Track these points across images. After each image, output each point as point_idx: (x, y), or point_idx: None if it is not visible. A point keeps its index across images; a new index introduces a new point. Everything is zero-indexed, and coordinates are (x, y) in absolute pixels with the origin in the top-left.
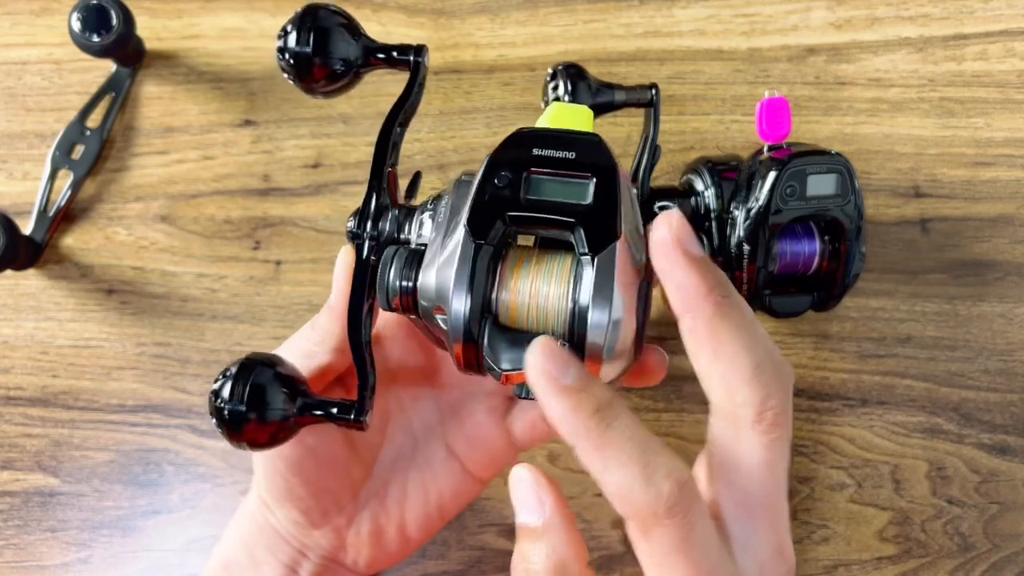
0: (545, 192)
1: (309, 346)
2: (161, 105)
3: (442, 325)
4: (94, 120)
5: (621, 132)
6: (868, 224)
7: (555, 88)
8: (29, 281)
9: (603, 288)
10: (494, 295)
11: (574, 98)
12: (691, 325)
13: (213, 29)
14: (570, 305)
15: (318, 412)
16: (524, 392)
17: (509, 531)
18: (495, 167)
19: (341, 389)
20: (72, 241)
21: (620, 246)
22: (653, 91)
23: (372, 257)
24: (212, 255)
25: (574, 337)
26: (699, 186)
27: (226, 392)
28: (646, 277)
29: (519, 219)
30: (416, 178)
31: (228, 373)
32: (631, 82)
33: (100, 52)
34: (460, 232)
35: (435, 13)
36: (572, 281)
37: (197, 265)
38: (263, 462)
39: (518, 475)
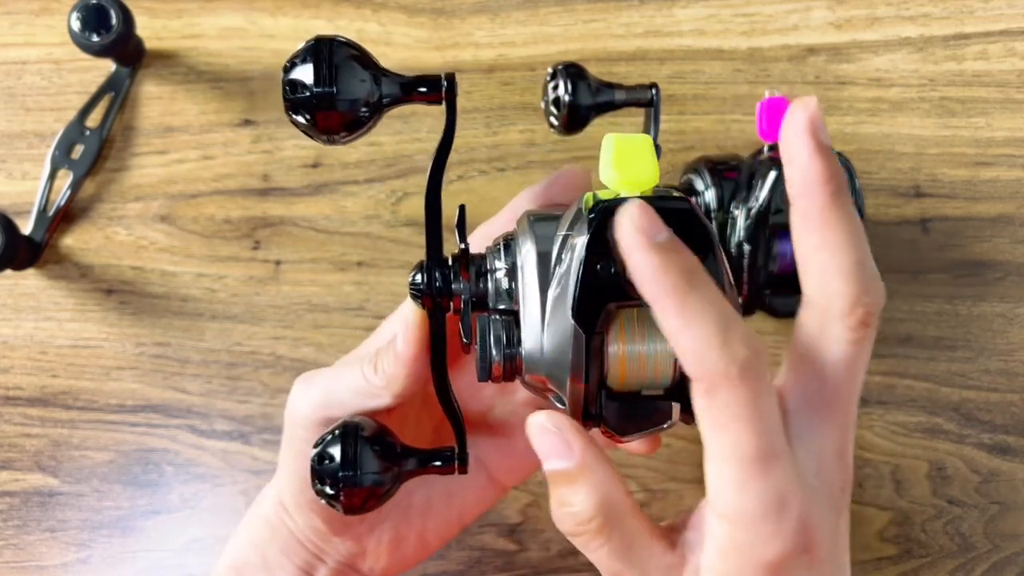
0: None
1: (369, 388)
2: (161, 105)
3: (555, 402)
4: (94, 120)
5: (621, 132)
6: (868, 224)
7: (555, 88)
8: (28, 281)
9: None
10: (605, 367)
11: (574, 98)
12: (804, 209)
13: (213, 29)
14: (676, 366)
15: (427, 466)
16: None
17: (509, 531)
18: (593, 252)
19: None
20: (71, 241)
21: None
22: (653, 91)
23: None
24: (212, 255)
25: (682, 397)
26: (699, 186)
27: (333, 465)
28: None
29: (623, 303)
30: (462, 214)
31: (331, 441)
32: (631, 82)
33: (100, 52)
34: (567, 323)
35: (435, 13)
36: None
37: (197, 265)
38: (291, 470)
39: (537, 423)
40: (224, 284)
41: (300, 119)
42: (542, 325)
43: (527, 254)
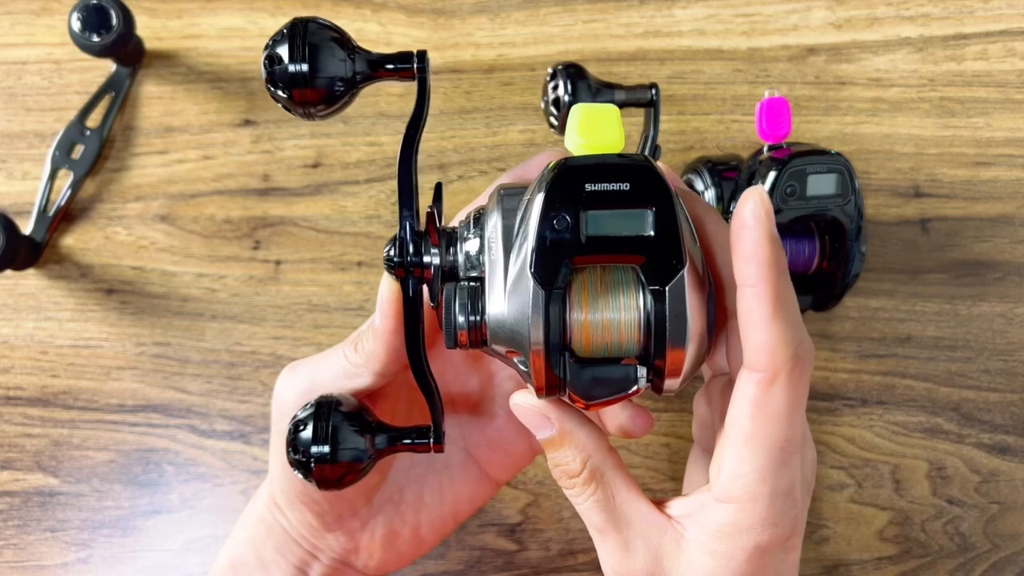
0: (605, 228)
1: (350, 367)
2: (161, 105)
3: (520, 367)
4: (94, 120)
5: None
6: (868, 224)
7: (555, 88)
8: (29, 281)
9: (678, 321)
10: (568, 333)
11: (574, 98)
12: (758, 291)
13: (213, 29)
14: (643, 332)
15: (400, 443)
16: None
17: (509, 531)
18: (550, 207)
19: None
20: (72, 241)
21: (687, 272)
22: (653, 91)
23: (418, 287)
24: (212, 255)
25: (650, 360)
26: (699, 186)
27: (306, 435)
28: (710, 281)
29: (583, 259)
30: (439, 191)
31: (304, 416)
32: (631, 82)
33: (100, 52)
34: (528, 282)
35: (435, 13)
36: (642, 308)
37: (197, 265)
38: (280, 466)
39: (516, 405)
40: (224, 284)
41: (279, 93)
42: (504, 289)
43: (494, 223)
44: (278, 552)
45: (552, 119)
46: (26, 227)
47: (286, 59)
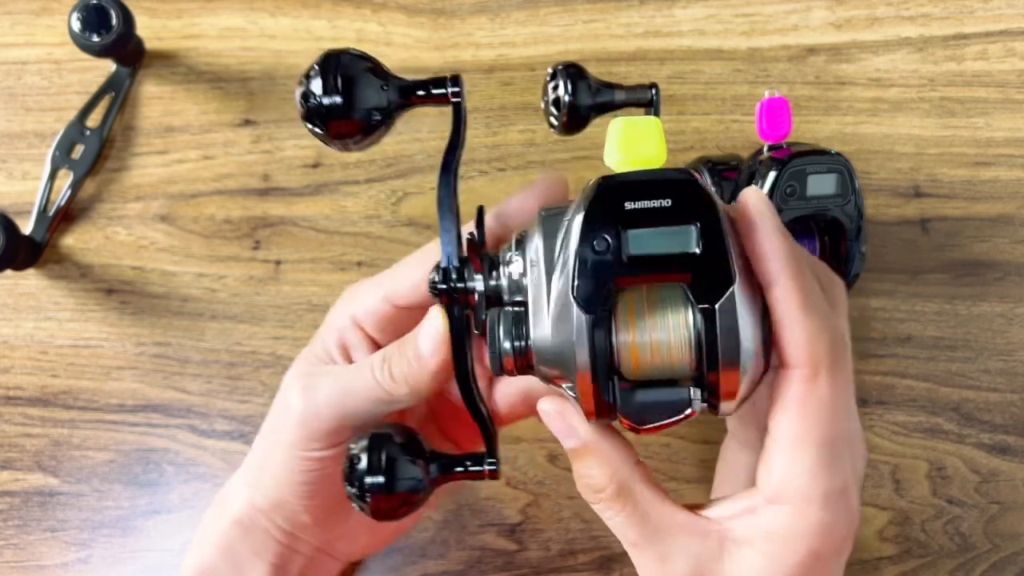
0: (648, 247)
1: (386, 395)
2: (161, 105)
3: (568, 392)
4: (94, 120)
5: None
6: (868, 224)
7: (555, 88)
8: (29, 281)
9: (730, 340)
10: (616, 357)
11: (574, 98)
12: (784, 287)
13: (213, 29)
14: (694, 352)
15: (455, 471)
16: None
17: (509, 531)
18: (590, 228)
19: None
20: (72, 241)
21: (737, 288)
22: (653, 91)
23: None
24: (212, 255)
25: (704, 381)
26: None
27: (362, 468)
28: (759, 285)
29: (627, 280)
30: (480, 215)
31: (358, 450)
32: (631, 82)
33: (100, 52)
34: (571, 306)
35: (435, 13)
36: (691, 326)
37: (197, 265)
38: (278, 474)
39: (545, 411)
40: (224, 284)
41: (315, 128)
42: (548, 314)
43: (535, 246)
44: (255, 554)
45: (552, 119)
46: (26, 227)
47: (320, 94)
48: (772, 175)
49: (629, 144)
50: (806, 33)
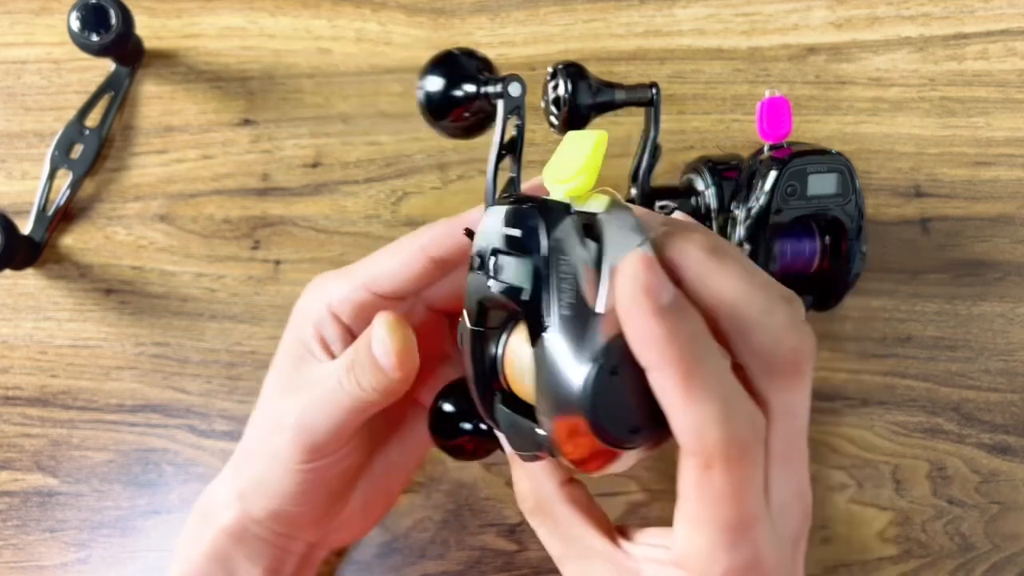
0: (506, 275)
1: (363, 404)
2: (160, 104)
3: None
4: (93, 119)
5: (621, 131)
6: (868, 224)
7: (555, 87)
8: (28, 281)
9: (552, 388)
10: (498, 373)
11: (575, 98)
12: (664, 375)
13: (212, 28)
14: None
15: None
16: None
17: (509, 531)
18: (476, 250)
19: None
20: (71, 241)
21: (549, 335)
22: (653, 90)
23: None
24: (211, 255)
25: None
26: (699, 186)
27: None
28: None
29: (491, 302)
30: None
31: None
32: (631, 81)
33: (99, 51)
34: (464, 319)
35: (435, 12)
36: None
37: (196, 265)
38: (274, 483)
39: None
40: (224, 284)
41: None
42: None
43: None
44: (249, 561)
45: (552, 118)
46: (25, 227)
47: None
48: (773, 175)
49: (556, 160)
50: (806, 32)
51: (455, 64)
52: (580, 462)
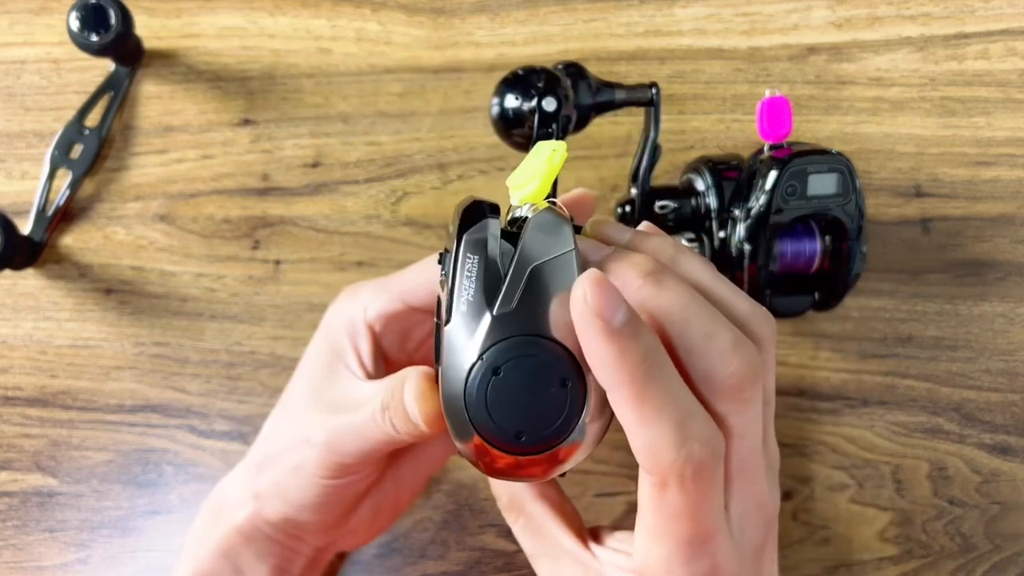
0: (444, 268)
1: (393, 442)
2: (160, 104)
3: None
4: (93, 119)
5: (621, 131)
6: (869, 224)
7: None
8: (27, 281)
9: (444, 397)
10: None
11: (575, 98)
12: (619, 396)
13: (212, 28)
14: None
15: None
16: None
17: (509, 531)
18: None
19: None
20: (71, 241)
21: (448, 329)
22: (654, 90)
23: None
24: (211, 255)
25: None
26: (699, 186)
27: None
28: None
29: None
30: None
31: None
32: (631, 81)
33: (99, 51)
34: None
35: (435, 12)
36: None
37: (196, 265)
38: (297, 501)
39: None
40: (223, 284)
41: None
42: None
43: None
44: (258, 559)
45: None
46: (25, 227)
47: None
48: (773, 174)
49: (519, 171)
50: (807, 32)
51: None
52: (504, 473)
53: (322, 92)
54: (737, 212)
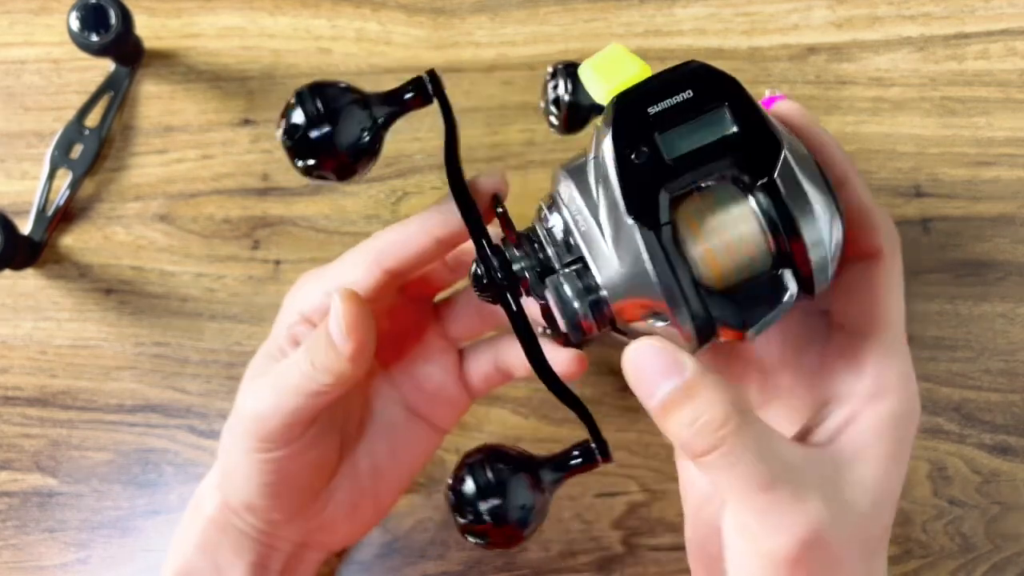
0: (685, 144)
1: (314, 385)
2: (160, 104)
3: (659, 325)
4: (93, 119)
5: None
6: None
7: (555, 87)
8: (27, 281)
9: (799, 201)
10: (695, 270)
11: (575, 98)
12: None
13: (212, 28)
14: (770, 234)
15: (569, 472)
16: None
17: None
18: (623, 144)
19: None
20: (71, 241)
21: (788, 151)
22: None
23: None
24: (211, 255)
25: (790, 264)
26: None
27: (473, 493)
28: (804, 157)
29: (675, 184)
30: (498, 200)
31: (469, 476)
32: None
33: (99, 51)
34: (630, 229)
35: (435, 12)
36: (757, 210)
37: (196, 265)
38: (243, 474)
39: (638, 350)
40: (223, 284)
41: (309, 163)
42: (610, 250)
43: (569, 194)
44: (235, 554)
45: (552, 118)
46: (25, 227)
47: (304, 126)
48: None
49: (609, 72)
50: (807, 32)
51: (352, 89)
52: (826, 261)
53: None
54: None
